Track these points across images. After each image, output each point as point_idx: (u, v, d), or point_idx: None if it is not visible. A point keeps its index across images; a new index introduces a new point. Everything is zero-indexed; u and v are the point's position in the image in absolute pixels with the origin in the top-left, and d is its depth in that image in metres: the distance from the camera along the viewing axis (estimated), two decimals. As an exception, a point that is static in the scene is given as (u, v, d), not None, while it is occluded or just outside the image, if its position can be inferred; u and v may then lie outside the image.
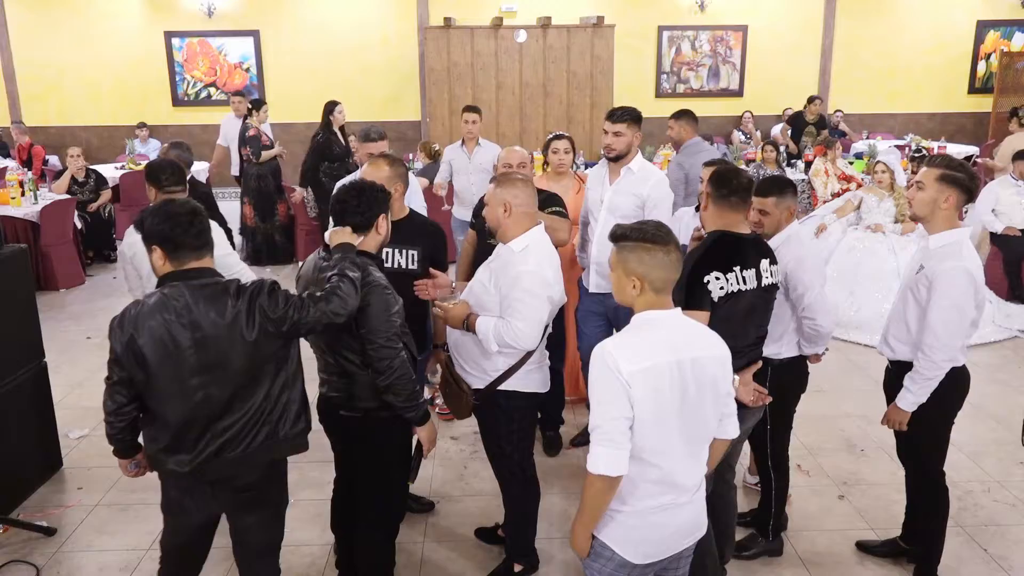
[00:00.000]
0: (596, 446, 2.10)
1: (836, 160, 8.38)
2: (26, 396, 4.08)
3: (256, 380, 2.45)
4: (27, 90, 11.66)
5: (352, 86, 11.76)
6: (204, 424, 2.43)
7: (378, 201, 2.80)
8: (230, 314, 2.37)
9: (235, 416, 2.44)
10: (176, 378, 2.38)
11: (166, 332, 2.36)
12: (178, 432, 2.44)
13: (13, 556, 3.53)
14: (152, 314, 2.37)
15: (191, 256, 2.43)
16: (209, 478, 2.51)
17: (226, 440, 2.45)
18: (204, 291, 2.39)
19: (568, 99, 10.88)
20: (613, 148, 3.97)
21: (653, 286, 2.19)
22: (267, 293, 2.43)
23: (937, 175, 2.98)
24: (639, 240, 2.20)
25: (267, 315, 2.40)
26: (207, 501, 2.59)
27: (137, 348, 2.38)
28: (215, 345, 2.37)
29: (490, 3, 11.66)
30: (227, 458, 2.46)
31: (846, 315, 6.25)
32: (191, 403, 2.40)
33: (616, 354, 2.10)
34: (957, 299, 2.91)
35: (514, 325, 2.90)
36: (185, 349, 2.36)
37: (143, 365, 2.39)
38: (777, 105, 12.13)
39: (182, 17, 11.66)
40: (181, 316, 2.36)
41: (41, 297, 4.59)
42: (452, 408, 3.24)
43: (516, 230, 3.02)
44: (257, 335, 2.39)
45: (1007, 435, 4.57)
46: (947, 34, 12.51)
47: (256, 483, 2.57)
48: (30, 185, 7.81)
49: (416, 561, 3.52)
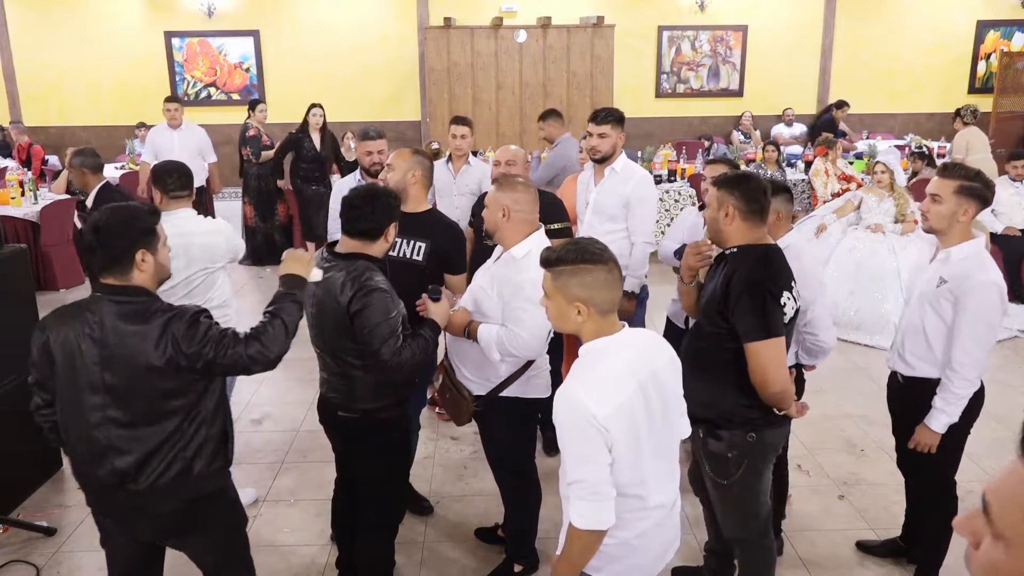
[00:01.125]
0: (580, 502, 1.96)
1: (836, 160, 8.38)
2: (26, 396, 4.05)
3: (163, 412, 2.26)
4: (27, 90, 11.66)
5: (352, 86, 11.77)
6: (103, 449, 2.27)
7: (390, 208, 2.75)
8: (141, 337, 2.21)
9: (138, 446, 2.26)
10: (77, 393, 2.26)
11: (75, 343, 2.24)
12: (81, 451, 2.32)
13: (13, 556, 3.53)
14: (68, 321, 2.28)
15: (101, 272, 2.29)
16: (115, 506, 2.36)
17: (125, 471, 2.26)
18: (123, 308, 2.25)
19: (568, 99, 10.87)
20: (598, 150, 3.99)
21: (600, 309, 2.03)
22: (186, 323, 2.24)
23: (955, 187, 2.83)
24: (577, 262, 2.02)
25: (179, 347, 2.21)
26: (126, 526, 2.41)
27: (48, 353, 2.30)
28: (121, 367, 2.22)
29: (490, 3, 11.66)
30: (129, 490, 2.28)
31: (846, 315, 6.25)
32: (89, 423, 2.26)
33: (584, 399, 1.94)
34: (987, 315, 2.82)
35: (517, 334, 2.81)
36: (90, 364, 2.23)
37: (51, 371, 2.31)
38: (777, 105, 12.13)
39: (182, 17, 11.66)
40: (93, 330, 2.24)
41: (41, 297, 4.58)
42: (452, 414, 3.16)
43: (516, 236, 2.92)
44: (165, 365, 2.21)
45: (1007, 435, 4.57)
46: (947, 34, 12.51)
47: (176, 513, 2.36)
48: (30, 185, 7.81)
49: (416, 561, 3.52)
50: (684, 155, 9.63)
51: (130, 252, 2.27)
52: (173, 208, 3.60)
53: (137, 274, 2.29)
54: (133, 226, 2.30)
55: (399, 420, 2.96)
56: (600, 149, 3.99)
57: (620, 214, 4.01)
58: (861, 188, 7.29)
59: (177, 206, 3.63)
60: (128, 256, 2.27)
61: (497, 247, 3.08)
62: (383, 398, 2.85)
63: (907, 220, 6.54)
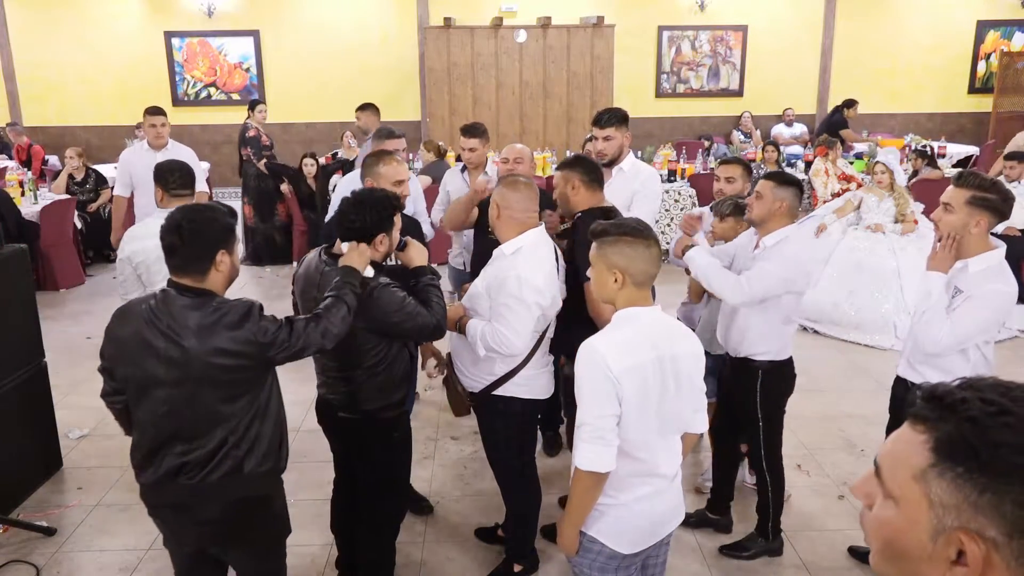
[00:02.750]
0: (584, 443, 2.12)
1: (836, 160, 8.38)
2: (26, 396, 4.08)
3: (225, 406, 2.31)
4: (27, 90, 11.66)
5: (352, 86, 11.75)
6: (166, 439, 2.32)
7: (382, 213, 2.72)
8: (209, 332, 2.25)
9: (199, 440, 2.31)
10: (145, 385, 2.30)
11: (145, 336, 2.28)
12: (145, 443, 2.36)
13: (13, 556, 3.53)
14: (139, 315, 2.31)
15: (179, 272, 2.32)
16: (166, 500, 2.39)
17: (184, 463, 2.31)
18: (193, 304, 2.28)
19: (568, 99, 10.87)
20: (605, 153, 3.92)
21: (635, 280, 2.22)
22: (256, 316, 2.30)
23: (967, 197, 2.77)
24: (620, 234, 2.23)
25: (253, 340, 2.26)
26: (176, 530, 2.46)
27: (118, 343, 2.34)
28: (190, 361, 2.25)
29: (490, 3, 11.66)
30: (182, 484, 2.32)
31: (846, 315, 6.25)
32: (155, 415, 2.31)
33: (604, 352, 2.11)
34: (985, 311, 2.81)
35: (499, 331, 2.84)
36: (161, 357, 2.27)
37: (119, 362, 2.35)
38: (777, 105, 12.13)
39: (182, 17, 11.66)
40: (164, 324, 2.27)
41: (41, 297, 4.58)
42: (452, 406, 3.27)
43: (507, 234, 2.97)
44: (234, 359, 2.26)
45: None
46: (947, 34, 12.51)
47: (222, 519, 2.39)
48: (30, 185, 7.81)
49: (416, 561, 3.52)
50: (684, 155, 9.63)
51: (212, 252, 2.31)
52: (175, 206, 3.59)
53: (214, 274, 2.34)
54: (216, 225, 2.35)
55: (400, 420, 2.96)
56: (607, 152, 3.92)
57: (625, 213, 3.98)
58: (861, 188, 7.29)
59: (179, 203, 3.62)
60: (210, 255, 2.31)
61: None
62: (384, 399, 2.85)
63: (907, 220, 6.54)
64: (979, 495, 0.81)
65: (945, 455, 0.84)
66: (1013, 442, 0.80)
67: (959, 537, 0.83)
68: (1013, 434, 0.81)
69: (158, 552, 3.59)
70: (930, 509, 0.85)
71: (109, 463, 4.34)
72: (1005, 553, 0.81)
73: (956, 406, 0.85)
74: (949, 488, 0.84)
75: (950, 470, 0.84)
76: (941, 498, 0.84)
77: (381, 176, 3.50)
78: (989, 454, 0.81)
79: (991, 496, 0.81)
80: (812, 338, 6.27)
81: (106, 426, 4.78)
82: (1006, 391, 0.86)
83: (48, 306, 6.88)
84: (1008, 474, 0.80)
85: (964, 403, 0.85)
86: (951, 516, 0.84)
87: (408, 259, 2.90)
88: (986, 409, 0.83)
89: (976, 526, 0.82)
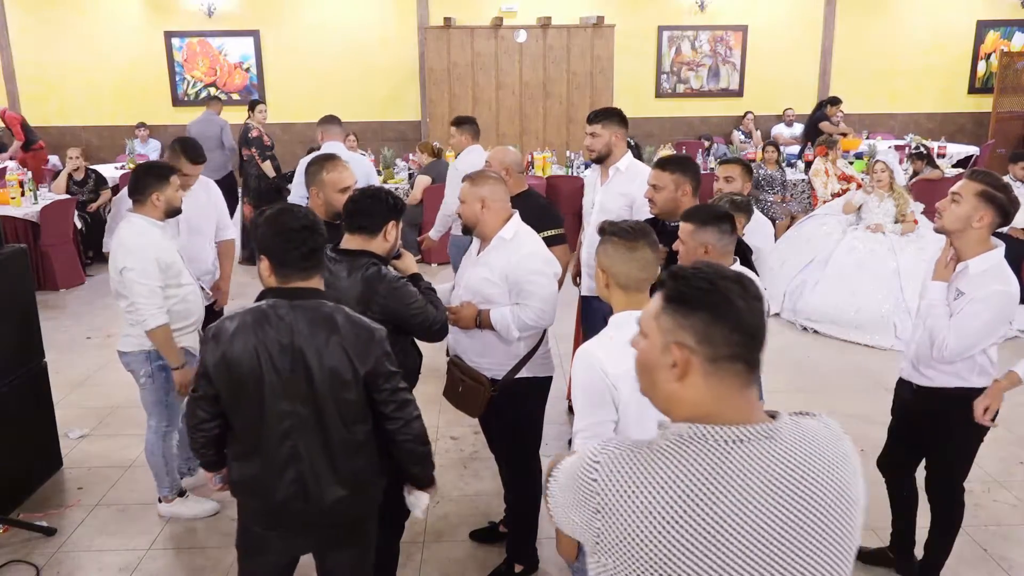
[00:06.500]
0: (583, 445, 2.09)
1: (836, 160, 8.38)
2: (26, 396, 4.07)
3: (354, 422, 2.28)
4: (27, 90, 11.65)
5: (352, 86, 11.77)
6: (292, 456, 2.26)
7: (388, 206, 2.79)
8: (340, 339, 2.21)
9: (324, 451, 2.27)
10: (266, 402, 2.22)
11: (263, 352, 2.19)
12: (262, 460, 2.28)
13: (13, 556, 3.53)
14: (250, 330, 2.21)
15: (297, 276, 2.26)
16: (286, 521, 2.34)
17: (314, 475, 2.27)
18: (308, 313, 2.22)
19: (568, 99, 10.87)
20: (592, 149, 4.01)
21: (617, 281, 2.25)
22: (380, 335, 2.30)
23: (977, 190, 2.78)
24: (610, 234, 2.30)
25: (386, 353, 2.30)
26: (294, 539, 2.40)
27: (231, 364, 2.22)
28: (312, 373, 2.20)
29: (490, 3, 11.66)
30: (307, 504, 2.29)
31: (846, 315, 6.24)
32: (278, 431, 2.24)
33: (600, 356, 2.10)
34: (992, 319, 2.81)
35: (533, 307, 2.99)
36: (282, 371, 2.20)
37: (235, 383, 2.23)
38: (777, 105, 12.13)
39: (182, 17, 11.66)
40: (282, 337, 2.19)
41: (41, 297, 4.59)
42: (467, 406, 3.21)
43: (497, 223, 3.08)
44: (366, 370, 2.23)
45: (1007, 435, 4.57)
46: (947, 34, 12.51)
47: (342, 527, 2.38)
48: (30, 185, 7.81)
49: (416, 562, 3.52)
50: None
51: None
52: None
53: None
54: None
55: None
56: (593, 148, 3.99)
57: (626, 214, 3.97)
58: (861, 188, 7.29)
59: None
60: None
61: (475, 240, 3.21)
62: None
63: (907, 220, 6.54)
64: (683, 318, 1.31)
65: (669, 300, 1.34)
66: (695, 288, 1.32)
67: (672, 346, 1.32)
68: (687, 285, 1.32)
69: (158, 552, 3.60)
70: (660, 333, 1.34)
71: (109, 463, 4.33)
72: (698, 354, 1.30)
73: (680, 274, 1.36)
74: (669, 318, 1.33)
75: (671, 307, 1.33)
76: (665, 325, 1.34)
77: (325, 184, 3.33)
78: (688, 296, 1.32)
79: (685, 319, 1.31)
80: (812, 338, 6.27)
81: (106, 426, 4.79)
82: (715, 268, 1.35)
83: (48, 306, 6.88)
84: (695, 305, 1.31)
85: (684, 273, 1.36)
86: (669, 335, 1.33)
87: (404, 267, 2.97)
88: (694, 273, 1.34)
89: (681, 339, 1.31)
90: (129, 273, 3.40)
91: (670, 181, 3.37)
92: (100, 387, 5.31)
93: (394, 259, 2.93)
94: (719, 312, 1.29)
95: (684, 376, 1.31)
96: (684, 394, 1.32)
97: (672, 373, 1.31)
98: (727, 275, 1.33)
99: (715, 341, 1.29)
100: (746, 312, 1.30)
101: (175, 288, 3.53)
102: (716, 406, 1.30)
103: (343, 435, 2.28)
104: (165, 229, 3.60)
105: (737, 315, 1.30)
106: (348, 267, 2.74)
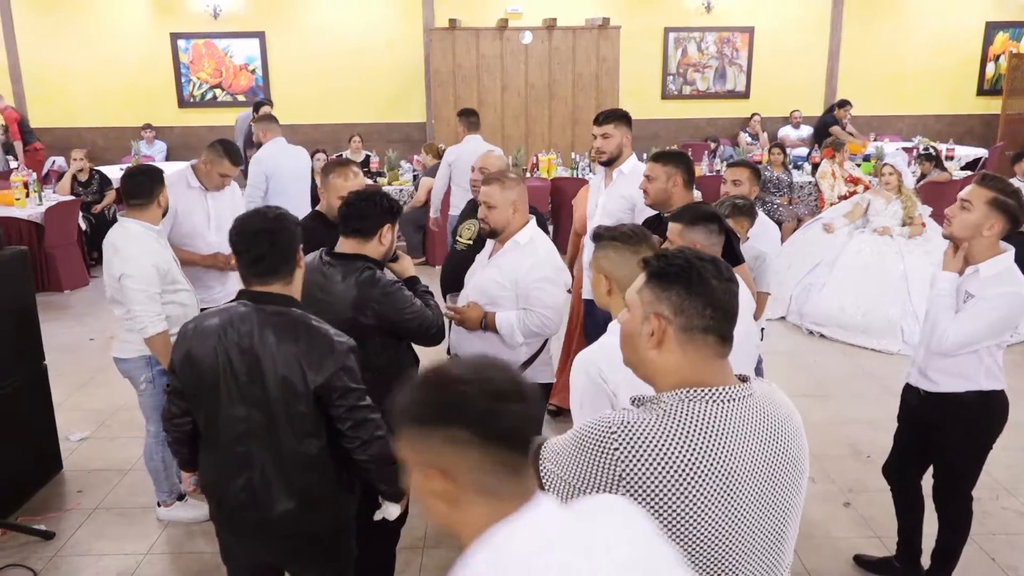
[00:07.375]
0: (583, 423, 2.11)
1: (843, 162, 8.32)
2: (26, 399, 4.06)
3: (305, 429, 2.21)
4: (33, 91, 11.68)
5: (357, 88, 11.76)
6: (244, 461, 2.21)
7: (383, 210, 2.75)
8: (296, 349, 2.16)
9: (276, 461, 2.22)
10: (222, 403, 2.20)
11: (223, 352, 2.17)
12: (219, 464, 2.26)
13: (11, 560, 3.51)
14: (215, 330, 2.20)
15: (254, 280, 2.23)
16: (243, 528, 2.31)
17: (264, 484, 2.21)
18: (272, 319, 2.18)
19: (574, 101, 10.83)
20: (603, 151, 3.96)
21: (620, 286, 2.21)
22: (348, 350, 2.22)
23: (988, 198, 2.73)
24: (610, 239, 2.28)
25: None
26: (251, 545, 2.36)
27: (193, 361, 2.21)
28: (266, 379, 2.16)
29: (495, 5, 11.64)
30: (259, 512, 2.24)
31: (853, 318, 6.19)
32: (232, 434, 2.21)
33: (600, 363, 2.07)
34: (1000, 319, 2.78)
35: (539, 313, 3.00)
36: (239, 375, 2.17)
37: (195, 381, 2.22)
38: (783, 107, 12.07)
39: (188, 19, 11.67)
40: (243, 340, 2.17)
41: (45, 298, 4.58)
42: None
43: (519, 226, 3.10)
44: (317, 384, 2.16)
45: (1015, 441, 4.51)
46: (955, 36, 12.43)
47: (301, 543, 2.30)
48: (34, 186, 7.82)
49: (416, 567, 3.49)
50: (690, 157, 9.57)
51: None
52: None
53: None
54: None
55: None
56: (605, 150, 3.93)
57: (627, 217, 3.93)
58: (868, 191, 7.24)
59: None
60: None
61: (488, 244, 3.22)
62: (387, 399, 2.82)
63: (914, 223, 6.49)
64: (661, 291, 1.48)
65: (651, 276, 1.50)
66: (673, 265, 1.48)
67: (652, 316, 1.48)
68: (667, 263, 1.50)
69: (156, 556, 3.58)
70: (642, 305, 1.50)
71: (109, 466, 4.31)
72: (673, 324, 1.47)
73: (662, 254, 1.53)
74: (650, 292, 1.49)
75: (652, 282, 1.50)
76: (646, 298, 1.50)
77: (331, 187, 3.48)
78: (667, 272, 1.48)
79: (663, 292, 1.47)
80: (818, 342, 6.21)
81: (107, 428, 4.78)
82: (694, 252, 1.52)
83: (52, 307, 6.88)
84: (672, 280, 1.47)
85: (667, 253, 1.53)
86: (649, 307, 1.49)
87: (402, 269, 2.95)
88: (674, 254, 1.51)
89: (659, 310, 1.47)
90: (128, 280, 3.38)
91: (662, 172, 3.43)
92: (102, 389, 5.29)
93: (391, 262, 2.90)
94: (693, 287, 1.46)
95: (660, 343, 1.48)
96: (662, 361, 1.49)
97: (650, 341, 1.48)
98: (704, 257, 1.51)
99: (689, 313, 1.46)
100: (719, 290, 1.48)
101: (171, 293, 3.52)
102: (696, 374, 1.46)
103: (294, 447, 2.21)
104: (160, 233, 3.60)
105: (711, 291, 1.46)
106: (343, 271, 2.70)
